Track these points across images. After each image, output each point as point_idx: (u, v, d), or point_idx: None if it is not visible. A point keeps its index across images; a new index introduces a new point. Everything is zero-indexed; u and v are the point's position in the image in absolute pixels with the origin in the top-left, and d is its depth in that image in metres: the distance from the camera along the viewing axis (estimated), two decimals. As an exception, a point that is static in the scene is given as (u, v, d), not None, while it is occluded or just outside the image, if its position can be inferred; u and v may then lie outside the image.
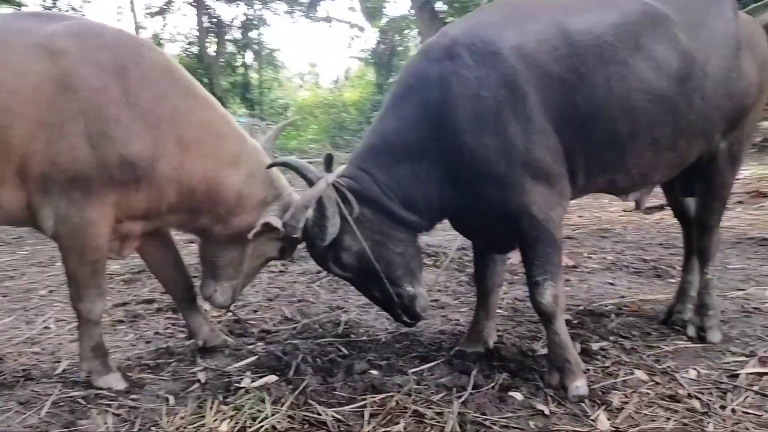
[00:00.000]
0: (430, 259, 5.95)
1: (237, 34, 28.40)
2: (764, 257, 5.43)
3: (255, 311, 4.32)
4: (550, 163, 2.77)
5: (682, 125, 2.92)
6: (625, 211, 8.24)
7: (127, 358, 3.36)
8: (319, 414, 2.63)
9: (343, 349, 3.49)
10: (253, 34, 28.15)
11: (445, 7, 14.01)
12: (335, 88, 32.93)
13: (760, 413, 2.59)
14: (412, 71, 2.99)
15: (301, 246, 3.58)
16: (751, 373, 2.96)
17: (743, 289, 4.39)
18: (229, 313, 4.05)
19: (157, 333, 3.84)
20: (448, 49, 2.83)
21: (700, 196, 3.40)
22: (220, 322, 4.03)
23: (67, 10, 25.03)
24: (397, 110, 2.96)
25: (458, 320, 4.00)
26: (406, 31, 22.92)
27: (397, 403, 2.71)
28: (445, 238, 6.90)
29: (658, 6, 2.89)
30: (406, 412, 2.62)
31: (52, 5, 24.93)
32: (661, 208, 7.89)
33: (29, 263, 6.22)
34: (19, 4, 23.75)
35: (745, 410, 2.62)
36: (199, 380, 3.04)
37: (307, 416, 2.63)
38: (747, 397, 2.74)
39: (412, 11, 21.32)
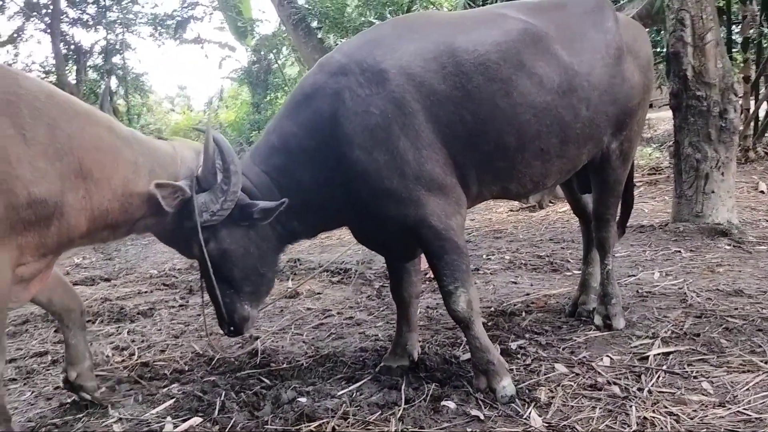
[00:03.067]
0: (336, 276, 5.94)
1: (98, 60, 26.90)
2: (645, 243, 5.89)
3: (162, 351, 4.08)
4: (441, 174, 2.86)
5: (570, 134, 3.11)
6: (512, 210, 8.64)
7: (28, 419, 3.05)
8: (256, 452, 2.52)
9: (265, 379, 3.37)
10: (116, 59, 26.76)
11: (318, 24, 14.09)
12: (210, 110, 32.02)
13: (673, 390, 2.79)
14: (309, 81, 3.01)
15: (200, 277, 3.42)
16: (658, 354, 3.18)
17: (634, 275, 4.72)
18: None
19: (57, 387, 3.51)
20: (342, 65, 2.89)
21: (596, 192, 3.63)
22: (126, 367, 3.77)
23: None
24: (294, 116, 2.99)
25: (377, 335, 4.00)
26: (279, 49, 22.76)
27: (334, 429, 2.66)
28: (345, 254, 6.91)
29: (538, 24, 3.06)
30: (346, 437, 2.57)
31: None
32: (541, 206, 8.37)
33: None
34: None
35: (660, 390, 2.81)
36: (116, 433, 2.82)
37: (243, 456, 2.52)
38: (659, 377, 2.94)
39: (283, 28, 21.28)
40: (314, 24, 14.10)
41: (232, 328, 3.14)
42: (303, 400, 3.00)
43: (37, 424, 2.99)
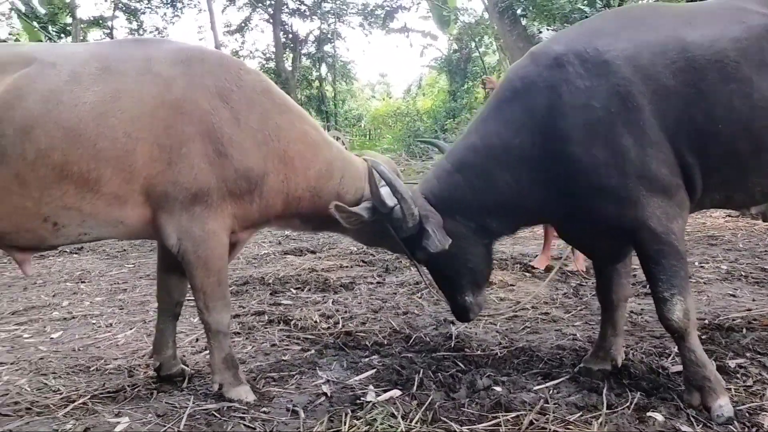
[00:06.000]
0: (529, 269, 5.85)
1: (312, 48, 28.98)
2: None
3: (363, 323, 4.32)
4: (667, 175, 2.66)
5: None
6: (729, 216, 7.84)
7: (250, 370, 3.42)
8: (454, 431, 2.59)
9: (460, 363, 3.43)
10: (327, 47, 28.63)
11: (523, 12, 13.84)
12: (409, 97, 33.02)
13: None
14: (519, 75, 2.93)
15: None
16: None
17: None
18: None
19: (273, 345, 3.90)
20: (559, 56, 2.77)
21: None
22: (332, 334, 4.06)
23: (151, 32, 26.20)
24: (501, 113, 2.94)
25: (574, 335, 3.87)
26: (482, 38, 22.71)
27: (532, 422, 2.63)
28: (539, 248, 6.76)
29: None
30: (544, 432, 2.54)
31: (137, 27, 26.14)
32: (765, 218, 7.47)
33: (137, 276, 6.48)
34: (110, 27, 25.08)
35: None
36: (325, 393, 3.06)
37: (441, 433, 2.60)
38: None
39: (486, 16, 21.20)
40: (519, 11, 13.86)
41: (459, 315, 3.37)
42: (498, 389, 3.02)
43: (258, 375, 3.34)
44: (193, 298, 3.06)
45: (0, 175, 2.61)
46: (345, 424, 2.65)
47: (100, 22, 25.25)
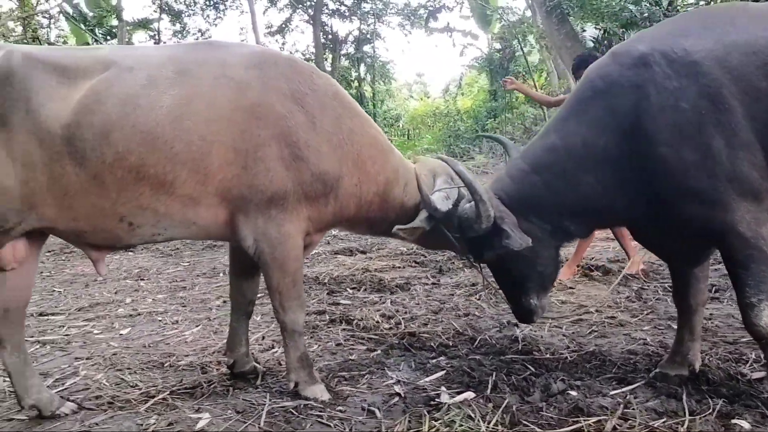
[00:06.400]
0: (587, 271, 5.78)
1: (351, 48, 29.09)
2: None
3: (425, 324, 4.32)
4: (757, 179, 2.59)
5: None
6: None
7: (319, 369, 3.44)
8: (536, 435, 2.57)
9: (530, 366, 3.40)
10: (366, 48, 28.70)
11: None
12: (449, 97, 32.89)
13: None
14: (600, 74, 2.89)
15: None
16: None
17: None
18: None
19: (338, 344, 3.92)
20: (644, 55, 2.72)
21: None
22: (395, 334, 4.07)
23: (194, 34, 26.64)
24: (581, 113, 2.90)
25: (644, 339, 3.81)
26: (526, 37, 22.48)
27: (615, 428, 2.60)
28: (594, 249, 6.67)
29: None
30: (629, 438, 2.51)
31: (181, 29, 26.58)
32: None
33: (194, 274, 6.59)
34: (156, 30, 25.57)
35: None
36: (398, 393, 3.07)
37: (523, 437, 2.58)
38: None
39: (528, 14, 21.04)
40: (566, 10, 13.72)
41: (523, 317, 3.35)
42: (573, 393, 2.98)
43: (329, 375, 3.37)
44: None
45: (78, 177, 2.68)
46: (424, 425, 2.65)
47: (145, 24, 25.76)
